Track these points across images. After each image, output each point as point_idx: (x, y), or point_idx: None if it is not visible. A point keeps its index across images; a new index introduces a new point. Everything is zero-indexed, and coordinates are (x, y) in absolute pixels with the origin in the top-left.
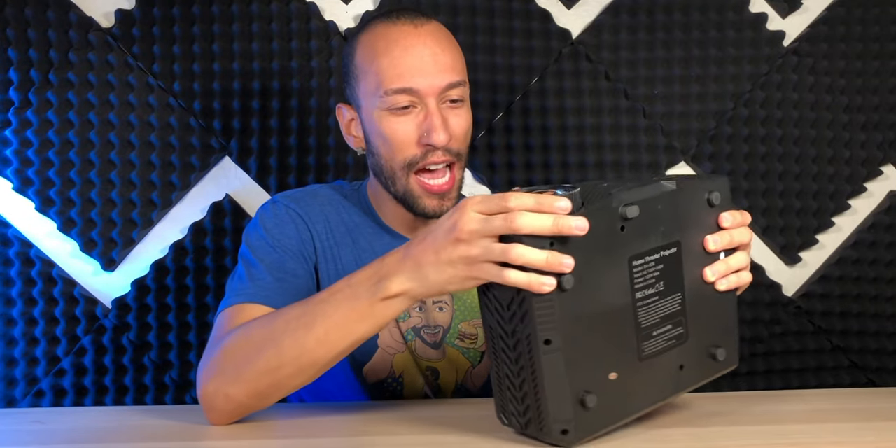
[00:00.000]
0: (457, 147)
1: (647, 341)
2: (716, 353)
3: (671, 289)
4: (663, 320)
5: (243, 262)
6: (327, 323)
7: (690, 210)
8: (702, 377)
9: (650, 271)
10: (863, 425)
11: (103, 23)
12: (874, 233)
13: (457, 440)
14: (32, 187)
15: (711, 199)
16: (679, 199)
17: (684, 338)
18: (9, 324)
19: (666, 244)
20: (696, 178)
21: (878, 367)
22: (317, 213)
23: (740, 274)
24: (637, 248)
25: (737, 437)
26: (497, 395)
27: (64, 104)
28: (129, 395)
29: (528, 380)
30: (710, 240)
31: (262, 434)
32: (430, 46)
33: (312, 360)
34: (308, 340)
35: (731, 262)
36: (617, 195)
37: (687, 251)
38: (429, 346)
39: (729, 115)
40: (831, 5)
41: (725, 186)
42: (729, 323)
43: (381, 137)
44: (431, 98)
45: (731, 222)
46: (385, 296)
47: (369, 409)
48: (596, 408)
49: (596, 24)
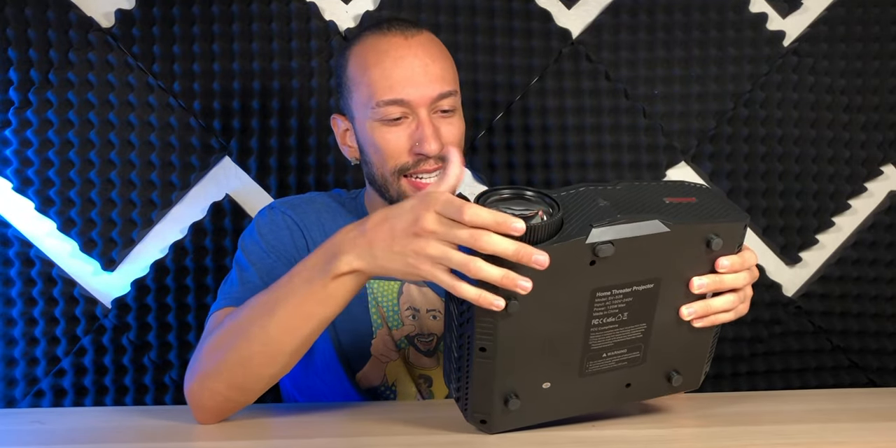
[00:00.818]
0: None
1: (595, 360)
2: (672, 377)
3: (635, 319)
4: (618, 345)
5: (236, 267)
6: (287, 307)
7: (683, 250)
8: (651, 394)
9: (615, 302)
10: (863, 425)
11: (103, 23)
12: (874, 233)
13: (454, 440)
14: (32, 187)
15: (712, 244)
16: (671, 240)
17: (639, 361)
18: (9, 324)
19: (642, 280)
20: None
21: (878, 367)
22: (313, 221)
23: (721, 315)
24: (605, 280)
25: (737, 437)
26: (444, 364)
27: (64, 104)
28: (129, 395)
29: (464, 370)
30: (696, 283)
31: (260, 434)
32: (421, 57)
33: (280, 348)
34: (271, 328)
35: (713, 303)
36: (597, 229)
37: (668, 286)
38: (422, 354)
39: (729, 115)
40: (831, 5)
41: (737, 231)
42: (698, 352)
43: (373, 147)
44: (422, 108)
45: (727, 268)
46: (336, 274)
47: (366, 409)
48: (519, 409)
49: (596, 24)
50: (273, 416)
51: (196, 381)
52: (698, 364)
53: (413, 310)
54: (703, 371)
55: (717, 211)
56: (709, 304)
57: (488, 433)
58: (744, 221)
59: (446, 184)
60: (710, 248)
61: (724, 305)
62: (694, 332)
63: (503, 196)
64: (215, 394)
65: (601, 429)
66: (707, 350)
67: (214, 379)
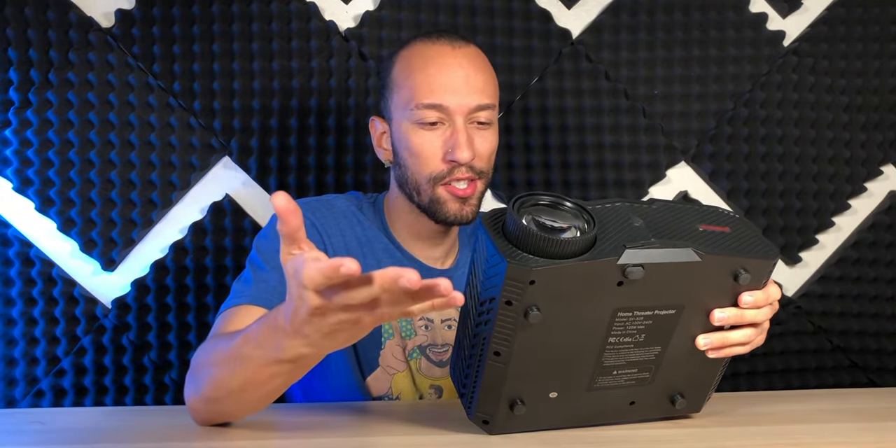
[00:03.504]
0: (480, 166)
1: (604, 376)
2: (676, 399)
3: (652, 341)
4: (630, 364)
5: (250, 266)
6: (247, 368)
7: (710, 281)
8: (653, 415)
9: (634, 323)
10: (863, 425)
11: (103, 23)
12: (874, 233)
13: (455, 440)
14: (32, 187)
15: (739, 279)
16: (700, 270)
17: (647, 382)
18: (9, 324)
19: (665, 305)
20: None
21: (878, 367)
22: (332, 226)
23: (737, 348)
24: (629, 302)
25: (737, 437)
26: (452, 357)
27: (64, 104)
28: (129, 395)
29: (473, 369)
30: (717, 315)
31: (262, 434)
32: (465, 67)
33: (244, 398)
34: (234, 382)
35: (731, 335)
36: (630, 251)
37: (689, 314)
38: (434, 364)
39: (729, 115)
40: (831, 5)
41: (766, 268)
42: (706, 378)
43: (408, 150)
44: (459, 116)
45: (749, 304)
46: (283, 360)
47: (369, 409)
48: (524, 415)
49: (596, 24)
50: (273, 416)
51: (187, 391)
52: (703, 390)
53: (427, 320)
54: (706, 397)
55: (749, 245)
56: (726, 337)
57: (489, 434)
58: (774, 259)
59: (288, 239)
60: (737, 282)
61: (741, 339)
62: (706, 360)
63: (540, 202)
64: (198, 411)
65: (601, 429)
66: (714, 377)
67: (197, 400)
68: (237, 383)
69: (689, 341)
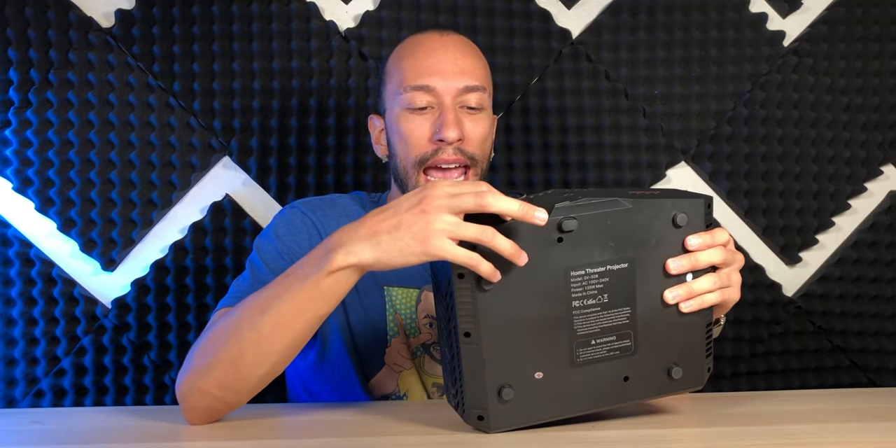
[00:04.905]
0: (471, 150)
1: (584, 348)
2: (671, 369)
3: (617, 302)
4: (605, 331)
5: (250, 266)
6: (280, 305)
7: (650, 229)
8: (653, 392)
9: (591, 283)
10: (863, 425)
11: (103, 23)
12: (874, 233)
13: (455, 440)
14: (32, 187)
15: (677, 220)
16: (635, 217)
17: (631, 351)
18: (9, 324)
19: (614, 259)
20: (671, 196)
21: (878, 367)
22: (333, 225)
23: (708, 296)
24: (577, 259)
25: (737, 437)
26: (444, 378)
27: (64, 104)
28: (129, 395)
29: (456, 366)
30: (671, 263)
31: (262, 434)
32: (452, 51)
33: (270, 347)
34: (264, 325)
35: (695, 285)
36: (560, 208)
37: (644, 269)
38: (437, 362)
39: (729, 115)
40: (831, 5)
41: (698, 208)
42: (694, 342)
43: (398, 136)
44: (448, 97)
45: (696, 245)
46: (330, 270)
47: (367, 409)
48: (515, 402)
49: (596, 24)
50: (273, 416)
51: (186, 380)
52: (697, 356)
53: (431, 318)
54: (705, 366)
55: (678, 195)
56: (691, 286)
57: (487, 431)
58: (707, 199)
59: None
60: (677, 225)
61: (707, 286)
62: (684, 319)
63: None
64: (205, 394)
65: (601, 429)
66: (703, 340)
67: (205, 378)
68: (266, 329)
69: (658, 300)
